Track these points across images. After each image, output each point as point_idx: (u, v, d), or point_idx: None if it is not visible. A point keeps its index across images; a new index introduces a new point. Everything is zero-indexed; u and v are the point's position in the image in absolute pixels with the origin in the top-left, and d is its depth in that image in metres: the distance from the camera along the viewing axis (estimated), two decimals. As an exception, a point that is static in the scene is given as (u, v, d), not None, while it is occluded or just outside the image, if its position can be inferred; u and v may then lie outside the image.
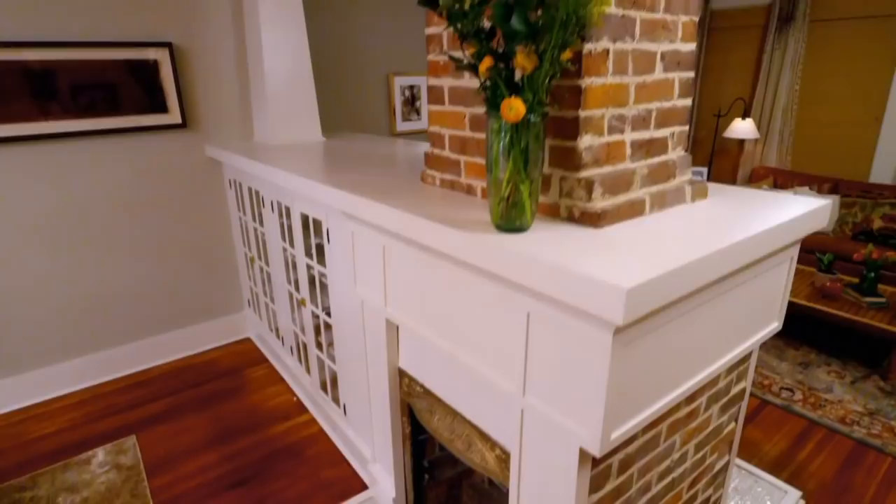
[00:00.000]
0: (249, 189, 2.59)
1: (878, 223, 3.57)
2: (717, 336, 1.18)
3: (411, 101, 3.59)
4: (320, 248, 2.22)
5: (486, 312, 1.14)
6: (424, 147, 2.37)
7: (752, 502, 1.89)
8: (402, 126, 3.61)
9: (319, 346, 2.27)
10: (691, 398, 1.29)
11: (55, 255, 2.55)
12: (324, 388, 2.33)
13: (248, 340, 3.19)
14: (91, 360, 2.75)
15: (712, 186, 1.44)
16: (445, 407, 1.44)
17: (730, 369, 1.41)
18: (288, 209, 2.18)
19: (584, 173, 1.10)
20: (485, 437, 1.31)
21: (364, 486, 2.02)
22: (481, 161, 1.34)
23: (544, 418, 1.05)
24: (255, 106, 2.84)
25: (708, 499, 1.57)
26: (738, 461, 2.12)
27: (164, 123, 2.67)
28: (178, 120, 2.71)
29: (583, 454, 1.01)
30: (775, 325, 1.41)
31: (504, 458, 1.26)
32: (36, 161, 2.41)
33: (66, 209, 2.53)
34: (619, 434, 0.98)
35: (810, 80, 4.20)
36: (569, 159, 1.11)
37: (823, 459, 2.14)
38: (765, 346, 3.00)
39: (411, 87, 3.56)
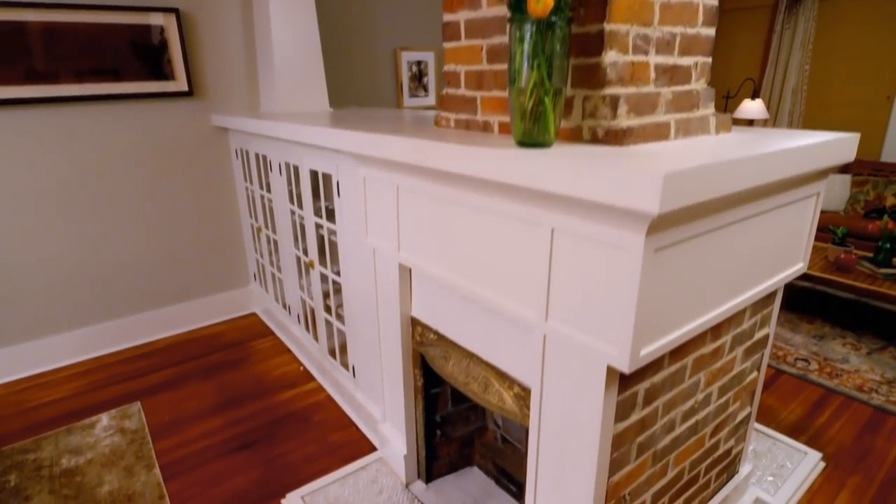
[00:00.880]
0: (256, 155, 2.56)
1: (891, 200, 3.53)
2: (745, 265, 1.14)
3: (418, 78, 3.56)
4: (330, 212, 2.18)
5: (506, 238, 1.11)
6: (435, 114, 2.33)
7: (771, 463, 1.85)
8: (409, 102, 3.57)
9: (328, 309, 2.23)
10: (717, 334, 1.25)
11: (58, 224, 2.52)
12: (332, 354, 2.29)
13: (253, 315, 3.15)
14: (94, 331, 2.72)
15: (735, 126, 1.40)
16: (460, 351, 1.40)
17: (754, 310, 1.37)
18: (296, 168, 2.14)
19: (609, 90, 1.07)
20: (502, 376, 1.27)
21: (373, 449, 1.98)
22: (499, 94, 1.30)
23: (568, 342, 1.01)
24: (262, 76, 2.81)
25: (729, 450, 1.53)
26: (756, 425, 2.07)
27: (170, 91, 2.64)
28: (185, 88, 2.68)
29: (610, 375, 0.97)
30: (800, 266, 1.37)
31: (523, 396, 1.22)
32: (38, 125, 2.38)
33: (69, 177, 2.50)
34: (648, 351, 0.94)
35: (820, 59, 4.16)
36: (593, 76, 1.07)
37: (842, 425, 2.10)
38: (779, 319, 2.96)
39: (419, 63, 3.53)
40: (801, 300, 3.19)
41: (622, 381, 1.03)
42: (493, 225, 1.14)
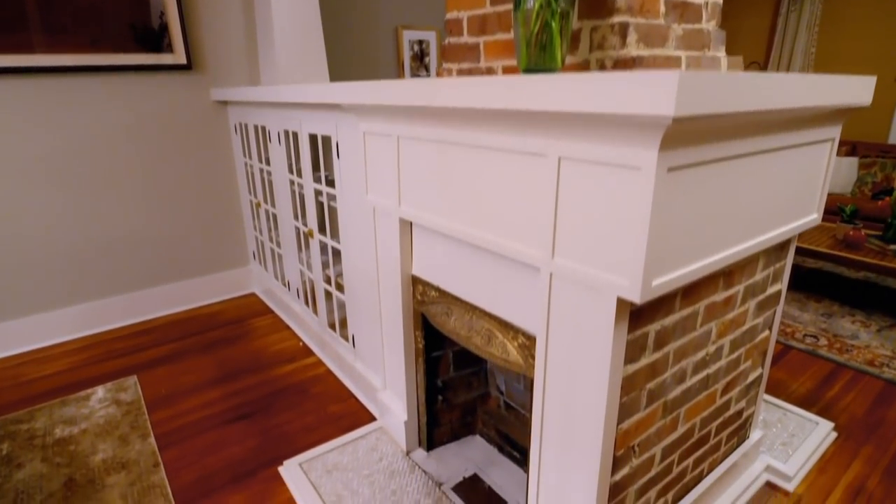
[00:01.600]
0: (256, 128, 2.52)
1: (899, 181, 3.47)
2: (759, 207, 1.10)
3: (420, 57, 3.52)
4: (329, 181, 2.14)
5: (511, 177, 1.06)
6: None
7: (782, 432, 1.80)
8: (410, 82, 3.52)
9: (328, 280, 2.19)
10: (729, 282, 1.21)
11: (54, 198, 2.48)
12: (332, 327, 2.25)
13: (253, 295, 3.11)
14: (92, 308, 2.68)
15: (747, 71, 1.35)
16: (463, 306, 1.36)
17: (767, 262, 1.32)
18: (296, 135, 2.10)
19: (618, 18, 1.02)
20: (506, 326, 1.22)
21: (372, 419, 1.93)
22: (503, 36, 1.26)
23: (576, 278, 0.96)
24: (261, 51, 2.77)
25: (741, 412, 1.48)
26: (766, 396, 2.02)
27: (168, 63, 2.60)
28: (183, 61, 2.64)
29: (620, 310, 0.93)
30: (814, 217, 1.33)
31: (528, 345, 1.17)
32: (34, 96, 2.34)
33: (65, 150, 2.46)
34: (660, 283, 0.89)
35: (826, 42, 4.11)
36: (601, 5, 1.03)
37: (854, 397, 2.05)
38: (786, 298, 2.90)
39: (420, 42, 3.49)
40: (809, 280, 3.14)
41: (632, 320, 0.98)
42: (496, 164, 1.09)
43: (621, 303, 0.92)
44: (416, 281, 1.54)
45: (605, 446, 1.03)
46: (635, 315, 0.98)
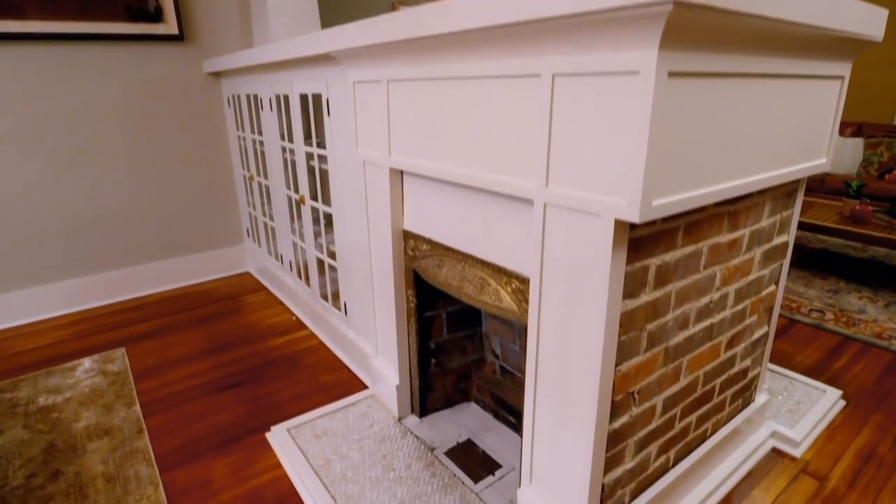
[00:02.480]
0: (248, 97, 2.46)
1: (906, 160, 3.40)
2: (765, 139, 1.04)
3: (417, 35, 3.45)
4: (320, 144, 2.09)
5: (502, 105, 1.00)
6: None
7: (788, 399, 1.74)
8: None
9: (319, 248, 2.13)
10: (734, 224, 1.15)
11: (42, 172, 2.43)
12: (325, 297, 2.19)
13: (247, 274, 3.06)
14: (82, 283, 2.63)
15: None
16: (455, 256, 1.30)
17: (773, 208, 1.26)
18: (286, 98, 2.05)
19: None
20: (499, 272, 1.17)
21: (365, 389, 1.87)
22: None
23: (571, 205, 0.90)
24: (254, 18, 2.72)
25: (745, 371, 1.42)
26: (771, 365, 1.96)
27: (160, 34, 2.55)
28: (175, 31, 2.59)
29: (618, 235, 0.86)
30: (823, 161, 1.27)
31: (521, 290, 1.11)
32: (18, 65, 2.29)
33: (53, 121, 2.40)
34: (660, 203, 0.83)
35: None
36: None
37: (862, 367, 1.98)
38: (790, 276, 2.84)
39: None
40: (815, 259, 3.08)
41: (631, 251, 0.92)
42: (488, 96, 1.03)
43: (619, 228, 0.86)
44: (407, 236, 1.48)
45: (602, 389, 0.97)
46: (634, 245, 0.92)
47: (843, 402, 1.76)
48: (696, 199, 0.91)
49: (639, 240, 0.93)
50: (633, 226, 0.91)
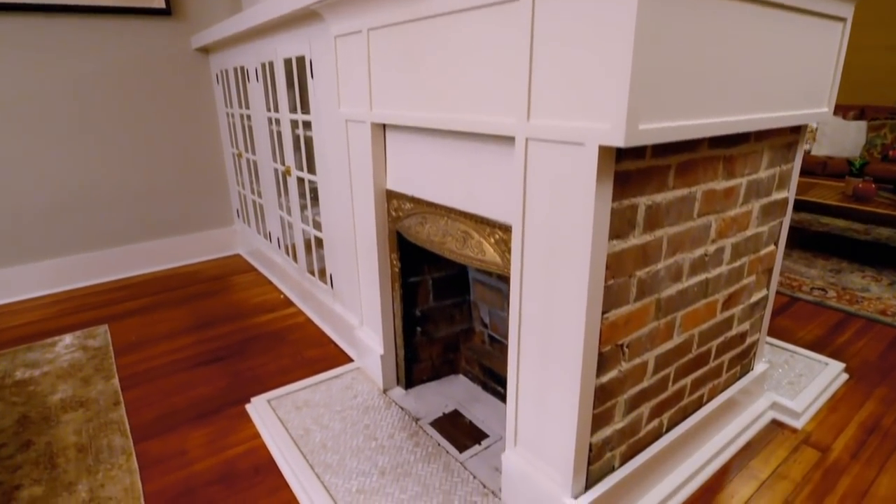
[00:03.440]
0: (235, 70, 2.41)
1: (910, 142, 3.33)
2: (763, 77, 0.97)
3: None
4: (307, 124, 2.04)
5: (483, 40, 0.94)
6: None
7: (789, 372, 1.67)
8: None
9: (305, 220, 2.08)
10: (730, 171, 1.08)
11: (27, 147, 2.37)
12: (311, 272, 2.13)
13: (237, 256, 3.00)
14: (66, 263, 2.57)
15: None
16: (438, 211, 1.24)
17: (772, 159, 1.20)
18: (272, 65, 1.99)
19: None
20: (482, 223, 1.11)
21: (351, 362, 1.82)
22: None
23: (553, 138, 0.84)
24: (243, -4, 2.67)
25: (744, 336, 1.35)
26: (771, 339, 1.90)
27: (146, 7, 2.50)
28: (162, 4, 2.54)
29: (603, 166, 0.80)
30: (825, 110, 1.20)
31: (505, 239, 1.06)
32: (5, 38, 2.24)
33: (36, 96, 2.35)
34: (648, 128, 0.77)
35: None
36: None
37: (865, 343, 1.92)
38: (791, 256, 2.77)
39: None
40: (817, 241, 3.01)
41: (618, 187, 0.86)
42: (466, 30, 0.98)
43: (605, 157, 0.80)
44: (390, 196, 1.42)
45: (588, 337, 0.91)
46: (621, 180, 0.86)
47: (845, 376, 1.70)
48: (688, 129, 0.85)
49: (626, 174, 0.87)
50: (619, 158, 0.85)
